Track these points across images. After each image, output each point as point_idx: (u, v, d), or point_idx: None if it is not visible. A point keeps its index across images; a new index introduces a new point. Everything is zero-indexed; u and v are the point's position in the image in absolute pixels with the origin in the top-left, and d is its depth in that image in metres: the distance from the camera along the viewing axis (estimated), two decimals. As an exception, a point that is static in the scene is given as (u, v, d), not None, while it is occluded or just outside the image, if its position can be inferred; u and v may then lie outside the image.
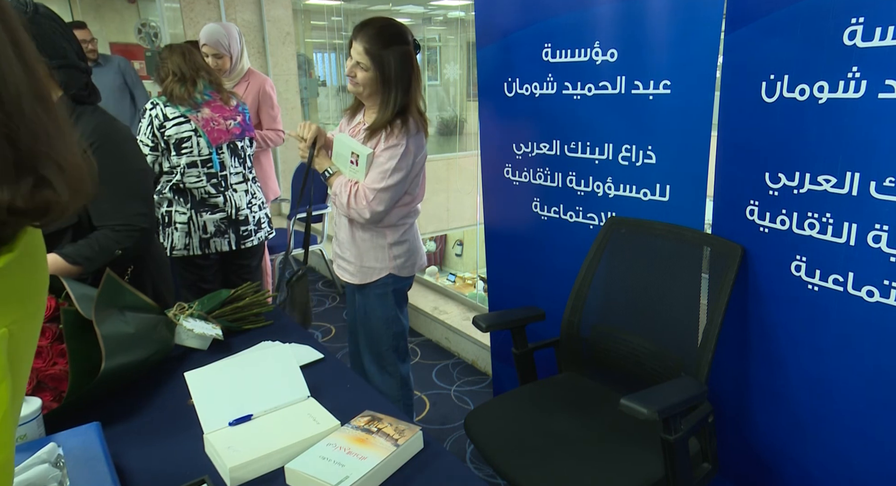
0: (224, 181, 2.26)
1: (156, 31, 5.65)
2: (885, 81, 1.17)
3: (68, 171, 0.45)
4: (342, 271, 2.03)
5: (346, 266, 1.99)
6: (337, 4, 5.96)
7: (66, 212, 0.45)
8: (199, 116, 2.18)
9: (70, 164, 0.45)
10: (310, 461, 0.99)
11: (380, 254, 1.92)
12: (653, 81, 1.69)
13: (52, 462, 0.90)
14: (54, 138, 0.44)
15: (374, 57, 1.75)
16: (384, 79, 1.77)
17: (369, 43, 1.74)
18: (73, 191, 0.45)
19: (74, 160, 0.46)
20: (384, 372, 2.06)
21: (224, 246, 2.30)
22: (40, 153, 0.42)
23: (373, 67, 1.76)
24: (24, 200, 0.41)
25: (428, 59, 7.52)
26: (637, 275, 1.73)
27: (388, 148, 1.78)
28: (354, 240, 1.94)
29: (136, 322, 1.28)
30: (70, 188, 0.45)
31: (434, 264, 7.28)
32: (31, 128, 0.42)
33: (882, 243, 1.22)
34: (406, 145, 1.79)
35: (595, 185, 1.91)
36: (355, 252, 1.95)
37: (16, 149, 0.41)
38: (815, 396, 1.43)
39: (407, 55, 1.78)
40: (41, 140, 0.43)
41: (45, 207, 0.43)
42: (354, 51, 1.77)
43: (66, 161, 0.45)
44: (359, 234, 1.93)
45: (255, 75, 2.99)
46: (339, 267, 2.03)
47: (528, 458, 1.47)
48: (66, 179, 0.44)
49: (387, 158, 1.78)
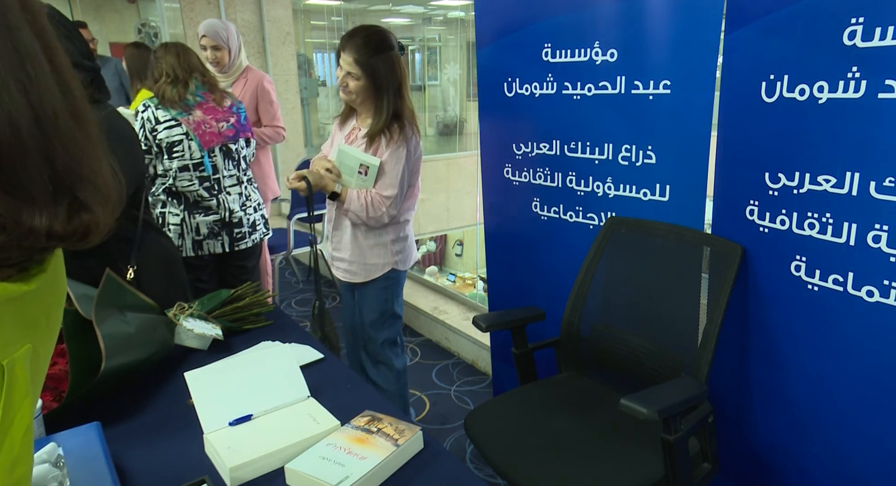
0: (217, 184, 2.25)
1: (156, 31, 5.65)
2: (885, 81, 1.17)
3: (103, 191, 0.43)
4: (341, 272, 2.05)
5: (346, 266, 2.02)
6: (337, 4, 5.96)
7: (102, 233, 0.44)
8: (191, 119, 2.16)
9: (104, 184, 0.44)
10: (310, 461, 0.99)
11: (382, 251, 1.98)
12: (653, 80, 1.69)
13: (52, 462, 0.90)
14: (91, 158, 0.43)
15: (364, 66, 1.82)
16: (376, 85, 1.85)
17: (358, 53, 1.82)
18: (109, 211, 0.44)
19: (107, 180, 0.45)
20: (381, 365, 2.11)
21: (217, 248, 2.30)
22: (77, 174, 0.41)
23: (364, 76, 1.84)
24: (62, 224, 0.39)
25: (428, 59, 7.52)
26: (637, 275, 1.73)
27: (392, 154, 1.86)
28: (356, 240, 1.97)
29: (136, 322, 1.28)
30: (105, 208, 0.43)
31: (434, 263, 7.27)
32: (68, 148, 0.40)
33: (882, 243, 1.22)
34: (407, 148, 1.88)
35: (595, 185, 1.91)
36: (356, 251, 1.98)
37: (53, 170, 0.39)
38: (815, 396, 1.43)
39: (394, 60, 1.86)
40: (78, 160, 0.41)
41: (84, 230, 0.41)
42: (344, 62, 1.84)
43: (101, 181, 0.44)
44: (361, 234, 1.97)
45: (252, 72, 2.98)
46: (338, 269, 2.06)
47: (528, 458, 1.47)
48: (101, 199, 0.43)
49: (393, 164, 1.87)
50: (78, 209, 0.41)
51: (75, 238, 0.42)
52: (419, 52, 7.40)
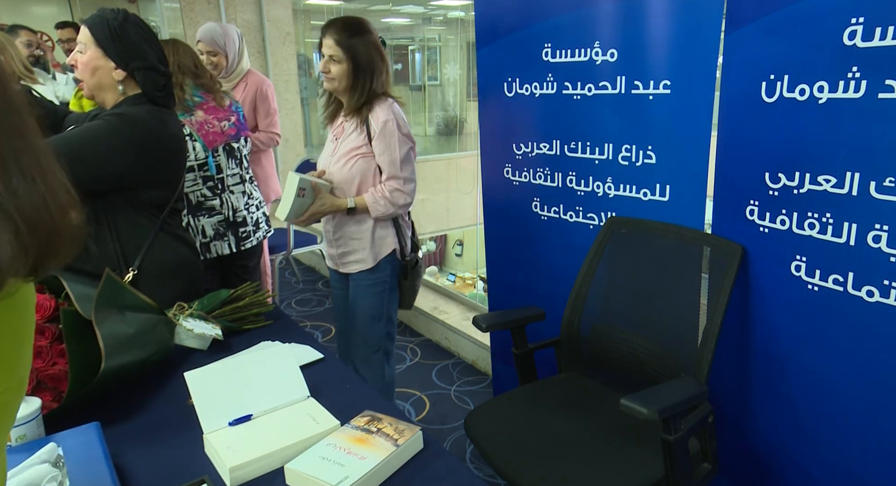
0: (220, 184, 2.25)
1: (156, 30, 5.66)
2: (885, 81, 1.17)
3: (23, 220, 0.34)
4: (349, 265, 2.02)
5: (353, 256, 2.00)
6: (337, 4, 5.96)
7: (9, 275, 0.34)
8: (193, 119, 2.16)
9: (29, 208, 0.35)
10: (310, 461, 0.99)
11: (384, 232, 1.99)
12: (653, 80, 1.69)
13: (51, 462, 0.90)
14: (6, 165, 0.34)
15: (345, 47, 1.83)
16: (356, 67, 1.85)
17: (339, 34, 1.84)
18: (23, 246, 0.34)
19: (33, 198, 0.35)
20: (375, 352, 2.09)
21: (224, 249, 2.29)
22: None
23: (345, 58, 1.84)
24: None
25: (428, 59, 7.52)
26: (637, 275, 1.73)
27: (382, 132, 1.85)
28: (359, 226, 1.97)
29: (135, 322, 1.28)
30: (19, 242, 0.34)
31: (434, 263, 7.28)
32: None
33: (882, 243, 1.22)
34: (394, 118, 1.86)
35: (595, 185, 1.91)
36: (360, 240, 1.98)
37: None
38: (815, 396, 1.43)
39: (375, 45, 1.87)
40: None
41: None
42: (325, 46, 1.86)
43: (25, 206, 0.34)
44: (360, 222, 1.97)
45: (253, 76, 2.97)
46: (345, 264, 2.04)
47: (528, 458, 1.47)
48: (14, 229, 0.34)
49: (387, 142, 1.86)
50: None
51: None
52: (419, 52, 7.40)
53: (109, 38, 1.46)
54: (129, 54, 1.48)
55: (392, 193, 1.89)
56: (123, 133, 1.44)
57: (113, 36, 1.46)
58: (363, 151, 1.90)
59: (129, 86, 1.52)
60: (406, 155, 1.90)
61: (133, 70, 1.49)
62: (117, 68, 1.48)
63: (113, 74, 1.49)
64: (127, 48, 1.48)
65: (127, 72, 1.49)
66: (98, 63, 1.48)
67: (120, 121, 1.45)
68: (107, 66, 1.48)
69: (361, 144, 1.90)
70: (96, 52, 1.47)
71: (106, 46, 1.47)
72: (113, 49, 1.47)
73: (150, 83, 1.52)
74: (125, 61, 1.48)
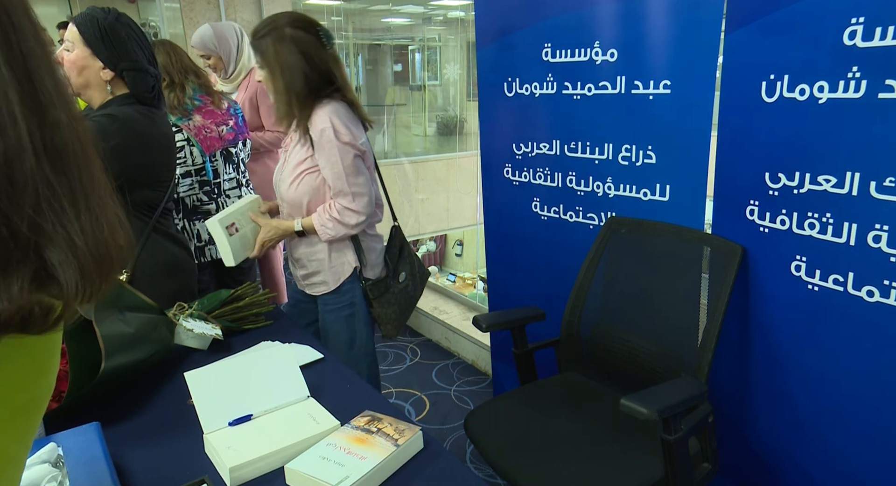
0: (217, 188, 2.24)
1: (156, 31, 5.65)
2: (885, 81, 1.17)
3: (90, 256, 0.34)
4: (314, 287, 1.82)
5: (315, 277, 1.80)
6: (337, 4, 5.95)
7: (72, 310, 0.34)
8: (191, 124, 2.14)
9: (89, 240, 0.34)
10: (310, 461, 0.99)
11: (341, 251, 1.77)
12: (653, 80, 1.69)
13: (51, 462, 0.90)
14: (77, 204, 0.34)
15: (257, 51, 1.66)
16: (270, 70, 1.64)
17: (252, 40, 1.66)
18: (88, 280, 0.34)
19: (97, 233, 0.35)
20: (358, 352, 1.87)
21: (218, 253, 2.29)
22: (43, 229, 0.31)
23: (261, 61, 1.66)
24: (12, 301, 0.30)
25: (428, 59, 7.52)
26: (637, 275, 1.73)
27: (319, 143, 1.62)
28: (314, 249, 1.77)
29: (135, 322, 1.28)
30: (85, 278, 0.33)
31: (434, 264, 7.28)
32: (34, 195, 0.31)
33: (882, 243, 1.22)
34: (330, 126, 1.61)
35: (595, 185, 1.91)
36: (318, 260, 1.77)
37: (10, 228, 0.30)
38: (815, 396, 1.43)
39: (292, 39, 1.61)
40: (46, 210, 0.32)
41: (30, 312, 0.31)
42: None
43: (86, 235, 0.34)
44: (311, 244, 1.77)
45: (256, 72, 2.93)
46: (310, 285, 1.83)
47: (528, 458, 1.47)
48: (79, 265, 0.33)
49: (326, 155, 1.62)
50: (40, 279, 0.31)
51: (25, 324, 0.31)
52: (419, 52, 7.40)
53: (98, 38, 1.44)
54: (118, 55, 1.46)
55: (341, 213, 1.66)
56: (114, 134, 1.43)
57: (102, 36, 1.44)
58: (308, 166, 1.68)
59: (117, 86, 1.50)
60: (352, 165, 1.64)
61: (122, 71, 1.47)
62: (105, 68, 1.46)
63: (101, 74, 1.47)
64: (116, 49, 1.46)
65: (115, 73, 1.47)
66: (85, 63, 1.45)
67: (110, 122, 1.43)
68: (94, 66, 1.46)
69: (305, 157, 1.68)
70: (84, 52, 1.45)
71: (94, 46, 1.44)
72: (102, 49, 1.45)
73: (139, 85, 1.50)
74: (114, 62, 1.46)
